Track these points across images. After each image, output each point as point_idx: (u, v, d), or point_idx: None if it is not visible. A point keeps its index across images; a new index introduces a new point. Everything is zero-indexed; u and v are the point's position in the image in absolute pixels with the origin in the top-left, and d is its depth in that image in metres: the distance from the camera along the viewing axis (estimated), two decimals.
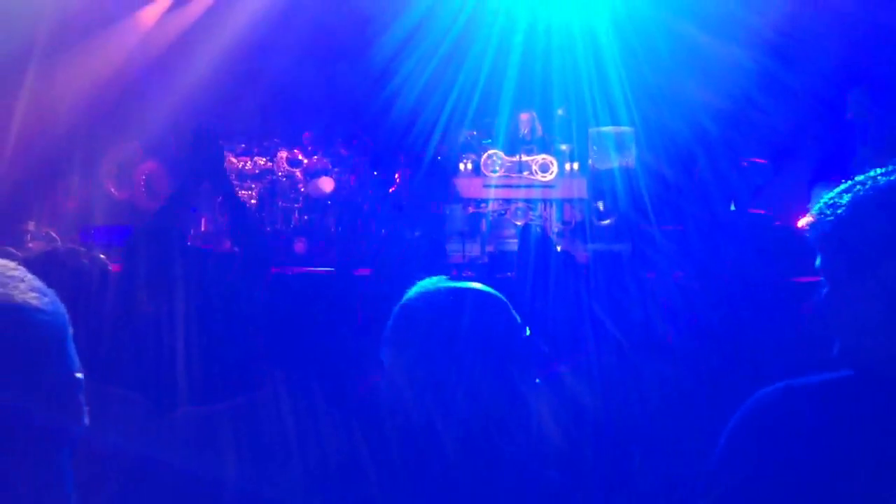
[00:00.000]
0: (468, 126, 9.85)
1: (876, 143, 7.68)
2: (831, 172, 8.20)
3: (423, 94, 9.71)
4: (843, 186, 1.36)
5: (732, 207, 8.34)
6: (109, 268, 2.20)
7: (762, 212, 7.96)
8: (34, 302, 1.13)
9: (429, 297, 1.59)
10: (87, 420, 1.17)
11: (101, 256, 2.13)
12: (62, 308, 1.16)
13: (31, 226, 8.64)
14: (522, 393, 1.57)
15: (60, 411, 1.14)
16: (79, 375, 1.17)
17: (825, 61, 8.13)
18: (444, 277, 1.64)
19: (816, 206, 1.37)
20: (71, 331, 1.17)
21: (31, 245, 8.62)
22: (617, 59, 9.34)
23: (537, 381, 1.64)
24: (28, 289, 1.14)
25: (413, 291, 1.62)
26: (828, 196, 1.36)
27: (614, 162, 9.08)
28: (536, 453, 1.60)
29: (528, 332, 1.62)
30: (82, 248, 1.89)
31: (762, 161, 8.89)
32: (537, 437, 1.63)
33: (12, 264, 1.17)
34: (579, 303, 3.19)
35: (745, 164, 8.68)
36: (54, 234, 8.24)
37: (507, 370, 1.55)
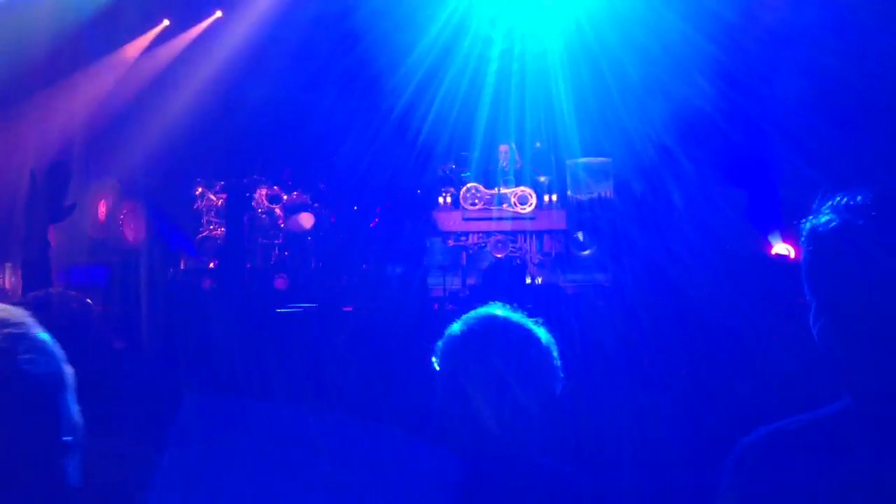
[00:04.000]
0: (446, 160, 9.91)
1: (844, 175, 7.81)
2: (801, 201, 8.33)
3: (401, 128, 9.78)
4: (824, 213, 1.34)
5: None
6: (94, 310, 2.20)
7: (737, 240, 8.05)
8: (26, 366, 1.11)
9: (479, 322, 1.85)
10: (76, 481, 1.15)
11: (87, 301, 2.12)
12: (59, 366, 1.14)
13: (7, 267, 8.58)
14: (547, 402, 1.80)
15: (44, 476, 1.12)
16: (67, 439, 1.15)
17: (792, 93, 8.28)
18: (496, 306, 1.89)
19: (804, 231, 1.35)
20: (69, 391, 1.14)
21: (6, 285, 8.56)
22: (591, 91, 9.46)
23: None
24: (25, 349, 1.12)
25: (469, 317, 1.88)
26: (814, 221, 1.34)
27: (593, 192, 9.16)
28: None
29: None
30: (72, 293, 1.89)
31: (735, 189, 9.01)
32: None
33: (19, 314, 1.15)
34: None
35: (719, 192, 8.79)
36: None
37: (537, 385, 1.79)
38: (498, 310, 1.87)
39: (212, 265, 9.58)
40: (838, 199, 1.32)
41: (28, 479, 1.09)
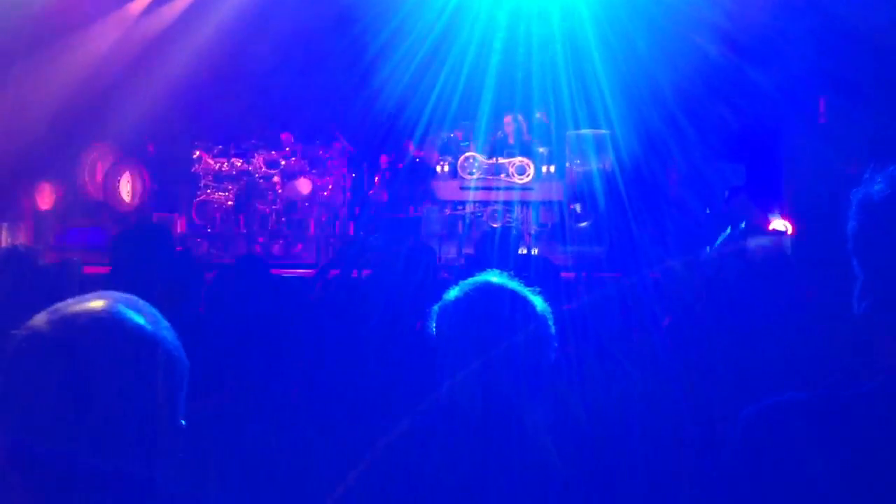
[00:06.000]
0: (446, 128, 9.87)
1: (848, 147, 7.76)
2: (803, 175, 8.32)
3: (402, 96, 9.72)
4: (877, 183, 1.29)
5: (707, 211, 8.43)
6: (81, 269, 2.21)
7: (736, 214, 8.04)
8: (170, 338, 1.13)
9: (476, 289, 1.88)
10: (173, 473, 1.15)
11: (76, 259, 2.13)
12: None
13: (3, 227, 8.58)
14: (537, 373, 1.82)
15: (157, 460, 1.11)
16: (182, 422, 1.15)
17: (800, 65, 8.22)
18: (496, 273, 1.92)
19: (853, 202, 1.29)
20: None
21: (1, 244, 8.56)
22: (596, 62, 9.39)
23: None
24: (166, 326, 1.14)
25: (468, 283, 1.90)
26: (865, 190, 1.29)
27: (591, 165, 9.14)
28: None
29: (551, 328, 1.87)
30: (39, 247, 1.89)
31: (737, 163, 9.00)
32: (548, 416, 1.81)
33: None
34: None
35: (721, 165, 8.78)
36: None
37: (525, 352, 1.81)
38: (494, 277, 1.89)
39: (209, 229, 9.59)
40: (892, 168, 1.28)
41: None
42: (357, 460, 1.77)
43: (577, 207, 9.21)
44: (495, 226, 8.97)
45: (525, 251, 7.22)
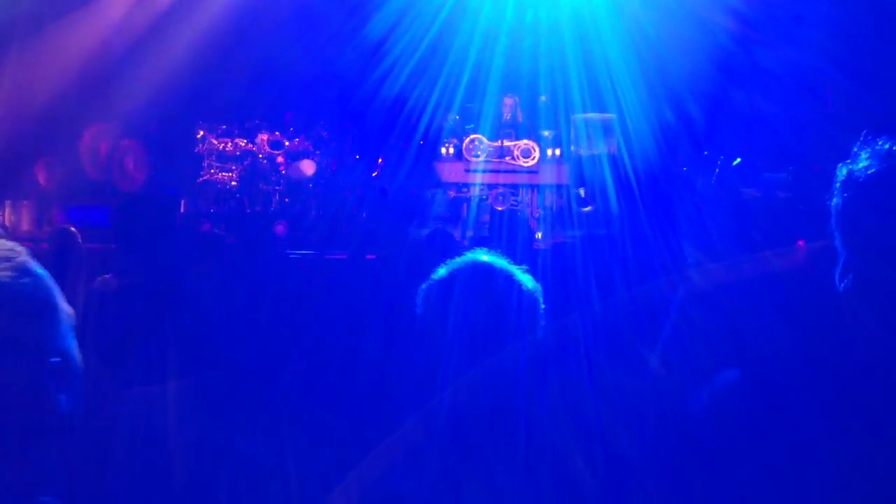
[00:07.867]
0: (452, 111, 9.82)
1: (856, 133, 7.69)
2: (811, 159, 8.28)
3: (408, 78, 9.66)
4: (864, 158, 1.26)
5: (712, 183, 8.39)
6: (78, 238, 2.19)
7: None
8: (4, 279, 1.12)
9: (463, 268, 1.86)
10: (66, 408, 1.14)
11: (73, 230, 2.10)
12: (47, 292, 1.14)
13: (7, 204, 8.57)
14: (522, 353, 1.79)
15: (33, 398, 1.11)
16: (55, 360, 1.14)
17: (809, 49, 8.16)
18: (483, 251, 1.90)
19: (839, 177, 1.27)
20: (62, 315, 1.14)
21: (6, 222, 8.56)
22: (604, 45, 9.32)
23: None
24: (8, 268, 1.12)
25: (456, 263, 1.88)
26: (851, 166, 1.26)
27: (597, 148, 9.09)
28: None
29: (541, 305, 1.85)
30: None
31: (743, 147, 8.95)
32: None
33: (13, 246, 1.16)
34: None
35: (727, 149, 8.73)
36: None
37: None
38: (483, 256, 1.87)
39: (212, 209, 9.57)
40: (879, 143, 1.25)
41: (8, 391, 1.09)
42: (354, 448, 1.75)
43: (582, 191, 9.18)
44: (500, 209, 8.95)
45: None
